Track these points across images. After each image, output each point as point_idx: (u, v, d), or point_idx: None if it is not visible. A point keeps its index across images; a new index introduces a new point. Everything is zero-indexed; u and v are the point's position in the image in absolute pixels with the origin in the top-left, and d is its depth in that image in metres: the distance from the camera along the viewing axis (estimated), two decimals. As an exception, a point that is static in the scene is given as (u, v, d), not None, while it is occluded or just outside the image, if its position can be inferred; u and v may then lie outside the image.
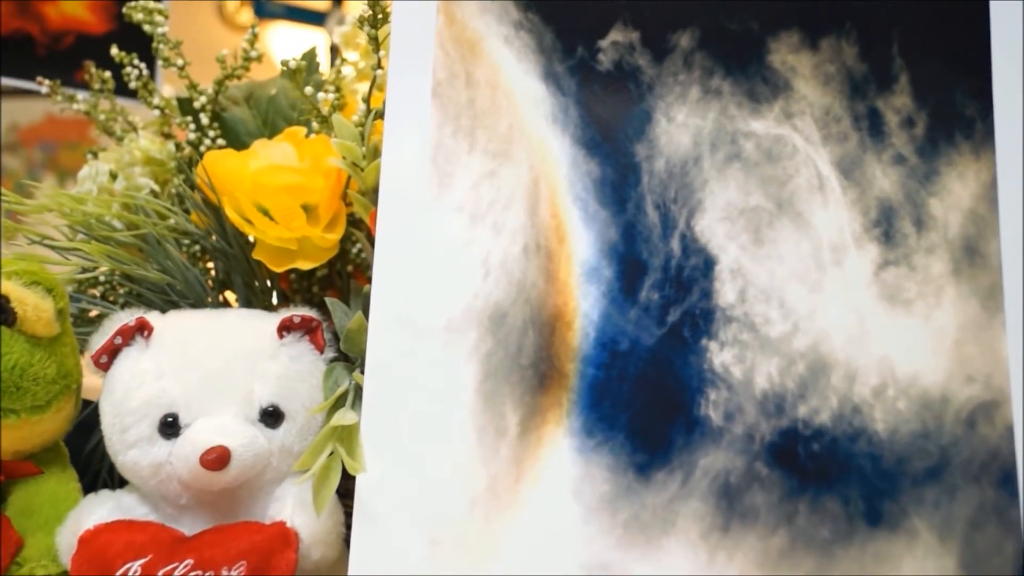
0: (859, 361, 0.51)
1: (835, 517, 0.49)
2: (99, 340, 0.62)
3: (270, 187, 0.65)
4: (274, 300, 0.74)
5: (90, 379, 0.65)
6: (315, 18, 2.58)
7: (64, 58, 1.11)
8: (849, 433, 0.50)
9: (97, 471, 0.72)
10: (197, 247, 0.75)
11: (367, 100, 0.68)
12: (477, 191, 0.55)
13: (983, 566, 0.47)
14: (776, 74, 0.54)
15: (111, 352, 0.61)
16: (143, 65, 0.78)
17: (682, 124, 0.54)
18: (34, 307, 0.60)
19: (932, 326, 0.50)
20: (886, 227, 0.52)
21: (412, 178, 0.56)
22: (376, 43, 0.66)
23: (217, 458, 0.56)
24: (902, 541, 0.48)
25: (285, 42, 2.66)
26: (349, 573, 0.53)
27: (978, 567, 0.47)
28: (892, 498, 0.49)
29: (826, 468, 0.50)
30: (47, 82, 0.85)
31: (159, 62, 0.78)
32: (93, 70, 0.85)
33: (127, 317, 0.62)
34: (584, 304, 0.53)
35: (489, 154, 0.55)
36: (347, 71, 0.80)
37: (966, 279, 0.50)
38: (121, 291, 0.74)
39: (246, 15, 2.93)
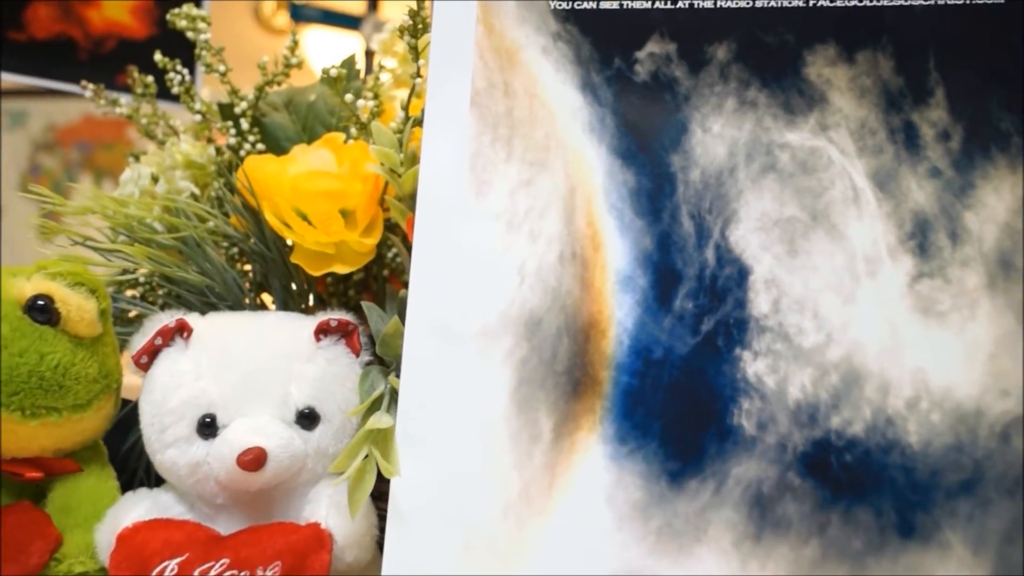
0: (893, 373, 0.49)
1: (868, 528, 0.48)
2: (140, 340, 0.62)
3: (309, 192, 0.65)
4: (310, 303, 0.74)
5: (129, 378, 0.65)
6: (350, 22, 2.58)
7: (106, 62, 1.12)
8: (882, 444, 0.49)
9: (135, 470, 0.72)
10: (235, 250, 0.75)
11: (406, 108, 0.68)
12: (514, 199, 0.55)
13: (1016, 580, 0.47)
14: (812, 87, 0.53)
15: (151, 353, 0.62)
16: (186, 71, 0.78)
17: (718, 135, 0.54)
18: (77, 308, 0.60)
19: (966, 339, 0.49)
20: (920, 239, 0.51)
21: (450, 185, 0.55)
22: (416, 52, 0.65)
23: (254, 459, 0.56)
24: (935, 554, 0.47)
25: (320, 46, 2.67)
26: (383, 575, 0.53)
27: (1012, 581, 0.47)
28: (925, 510, 0.48)
29: (859, 479, 0.49)
30: (91, 86, 0.86)
31: (200, 66, 0.79)
32: (136, 75, 0.85)
33: (167, 318, 0.62)
34: (619, 312, 0.53)
35: (526, 163, 0.55)
36: (384, 77, 0.79)
37: (1001, 292, 0.49)
38: (160, 292, 0.74)
39: (282, 19, 2.94)
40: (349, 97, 0.68)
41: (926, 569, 0.47)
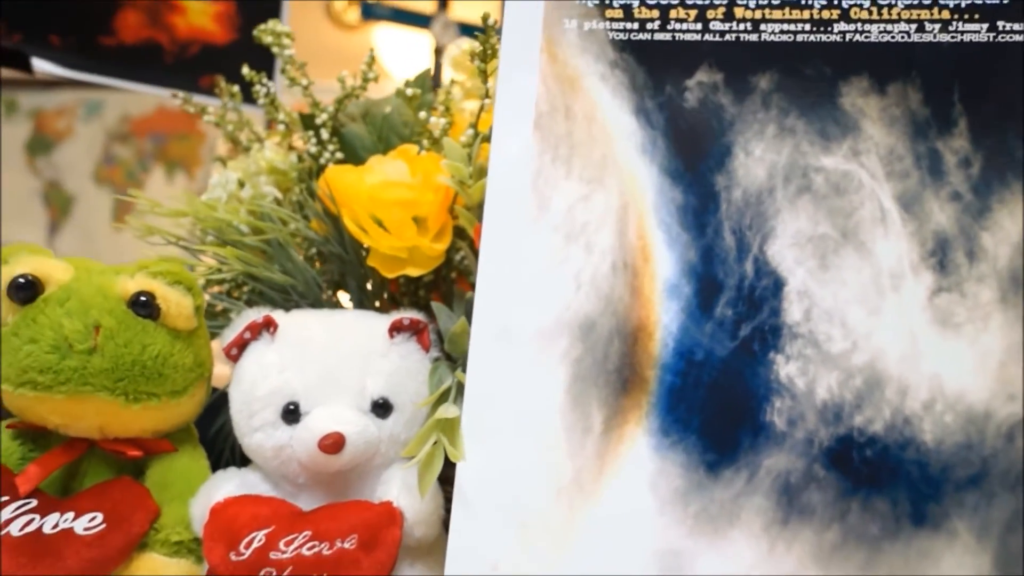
0: (911, 378, 0.56)
1: (884, 516, 0.54)
2: (230, 334, 0.69)
3: (385, 200, 0.73)
4: (384, 301, 0.82)
5: (216, 368, 0.73)
6: (420, 21, 2.66)
7: (189, 66, 1.20)
8: (900, 442, 0.55)
9: (221, 451, 0.80)
10: (314, 251, 0.83)
11: (475, 125, 0.76)
12: (572, 213, 0.62)
13: (1015, 566, 0.53)
14: (846, 115, 0.59)
15: (240, 345, 0.69)
16: (272, 84, 0.87)
17: (759, 158, 0.60)
18: (176, 304, 0.67)
19: (979, 348, 0.55)
20: (941, 257, 0.57)
21: (514, 200, 0.62)
22: (484, 75, 0.73)
23: (333, 443, 0.63)
24: (943, 540, 0.53)
25: (390, 43, 2.75)
26: (448, 550, 0.59)
27: (1012, 566, 0.53)
28: (936, 501, 0.54)
29: (877, 472, 0.55)
30: (181, 94, 0.94)
31: (277, 72, 0.86)
32: (223, 84, 0.94)
33: (255, 314, 0.69)
34: (665, 317, 0.59)
35: (584, 180, 0.62)
36: (455, 92, 0.87)
37: (1012, 306, 0.55)
38: (244, 289, 0.82)
39: (353, 14, 3.03)
40: (423, 115, 0.76)
41: (935, 553, 0.54)
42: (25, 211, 2.66)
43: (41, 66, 1.19)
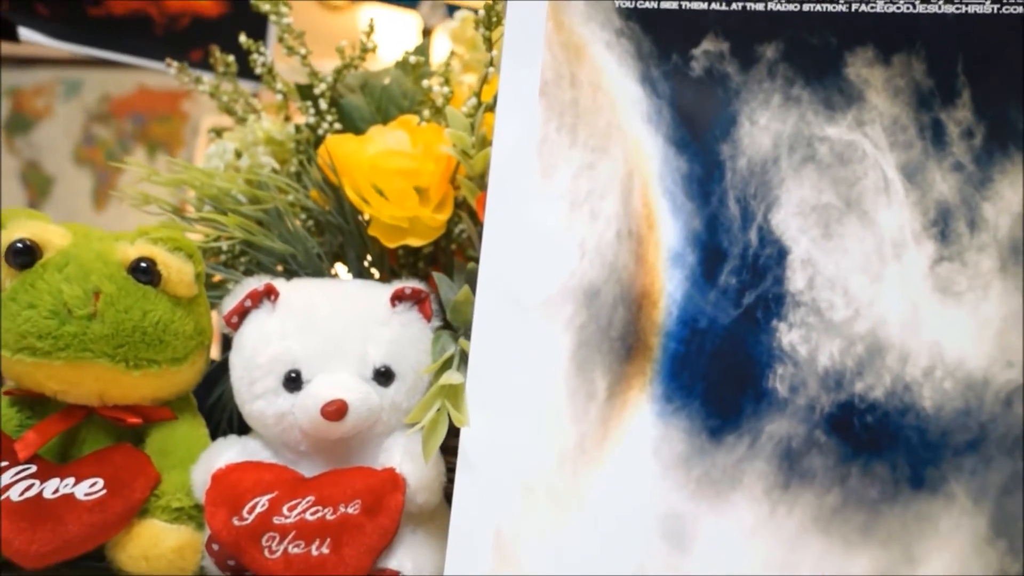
0: (912, 345, 0.58)
1: (883, 480, 0.57)
2: (231, 302, 0.71)
3: (386, 170, 0.75)
4: (383, 273, 0.84)
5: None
6: (408, 1, 2.66)
7: (180, 38, 1.21)
8: (900, 408, 0.58)
9: (218, 422, 0.82)
10: (312, 222, 0.85)
11: (478, 94, 0.78)
12: (577, 181, 0.64)
13: (1011, 526, 0.55)
14: (851, 85, 0.62)
15: (241, 313, 0.71)
16: (268, 52, 0.89)
17: (764, 127, 0.62)
18: (177, 270, 0.69)
19: (979, 316, 0.58)
20: (942, 227, 0.59)
21: (519, 168, 0.65)
22: (489, 43, 0.76)
23: (336, 410, 0.65)
24: (941, 503, 0.56)
25: (378, 24, 2.73)
26: (452, 514, 0.62)
27: (1006, 526, 0.55)
28: (934, 465, 0.56)
29: (877, 437, 0.57)
30: (175, 64, 0.96)
31: (271, 42, 0.88)
32: (218, 54, 0.96)
33: (256, 283, 0.71)
34: (669, 285, 0.62)
35: (589, 148, 0.64)
36: (454, 64, 0.89)
37: (1011, 275, 0.58)
38: (242, 259, 0.85)
39: (340, -6, 3.05)
40: (426, 83, 0.79)
41: (933, 516, 0.56)
42: (3, 191, 2.67)
43: (28, 35, 1.21)
